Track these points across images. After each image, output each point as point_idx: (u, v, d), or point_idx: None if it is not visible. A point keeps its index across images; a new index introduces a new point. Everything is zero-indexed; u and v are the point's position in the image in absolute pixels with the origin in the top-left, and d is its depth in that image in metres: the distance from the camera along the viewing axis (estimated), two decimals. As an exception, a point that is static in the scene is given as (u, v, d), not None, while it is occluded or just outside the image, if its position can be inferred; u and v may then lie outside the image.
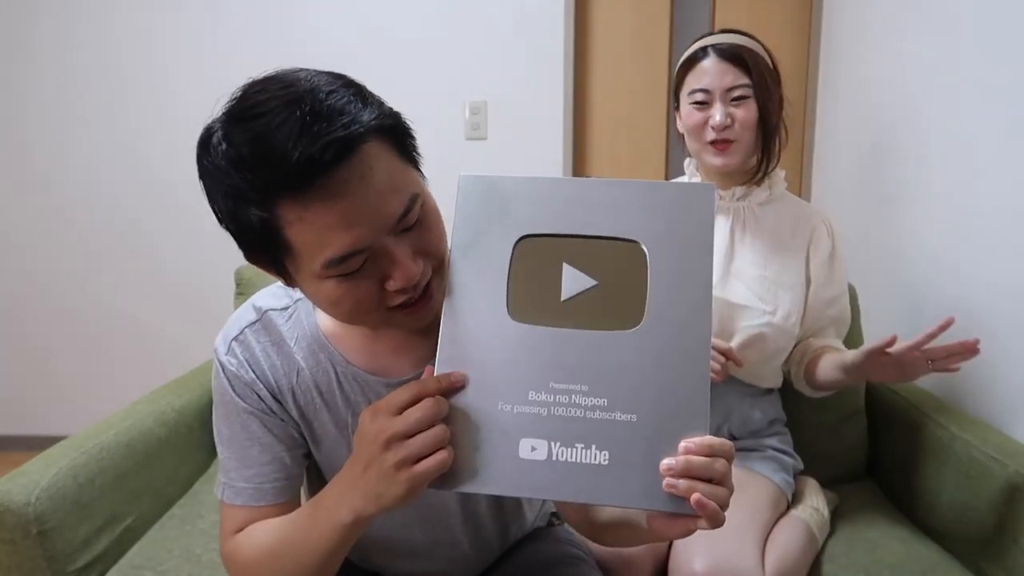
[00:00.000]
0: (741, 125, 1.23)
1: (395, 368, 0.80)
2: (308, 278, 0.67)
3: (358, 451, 0.63)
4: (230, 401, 0.79)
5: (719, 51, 1.23)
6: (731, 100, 1.23)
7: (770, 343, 1.28)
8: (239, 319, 0.81)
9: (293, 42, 2.38)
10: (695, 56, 1.27)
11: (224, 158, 0.61)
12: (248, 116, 0.61)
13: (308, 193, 0.60)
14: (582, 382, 0.64)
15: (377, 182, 0.63)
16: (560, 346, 0.65)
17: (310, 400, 0.80)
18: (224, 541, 0.80)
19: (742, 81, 1.22)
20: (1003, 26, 1.31)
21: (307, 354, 0.80)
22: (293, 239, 0.63)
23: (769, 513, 1.20)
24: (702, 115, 1.25)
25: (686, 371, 0.64)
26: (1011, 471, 1.12)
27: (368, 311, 0.68)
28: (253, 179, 0.60)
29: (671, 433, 0.62)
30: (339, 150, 0.59)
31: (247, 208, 0.62)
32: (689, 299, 0.66)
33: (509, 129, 2.42)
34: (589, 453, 0.62)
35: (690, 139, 1.30)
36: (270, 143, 0.59)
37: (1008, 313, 1.29)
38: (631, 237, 0.67)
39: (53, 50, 2.49)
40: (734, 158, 1.25)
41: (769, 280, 1.27)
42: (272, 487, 0.79)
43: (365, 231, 0.63)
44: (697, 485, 0.59)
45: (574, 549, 1.03)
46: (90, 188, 2.56)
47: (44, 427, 2.68)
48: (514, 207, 0.69)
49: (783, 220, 1.31)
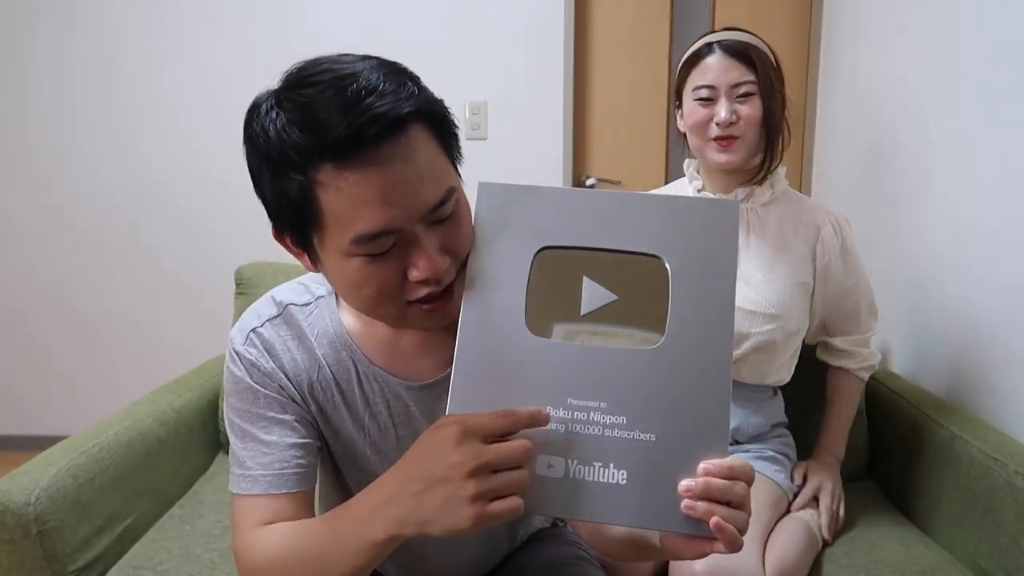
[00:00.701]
0: (746, 122, 1.22)
1: (417, 370, 0.79)
2: (334, 254, 0.66)
3: (421, 467, 0.59)
4: (246, 388, 0.77)
5: (725, 47, 1.22)
6: (736, 97, 1.22)
7: (779, 345, 1.28)
8: (258, 312, 0.80)
9: (293, 43, 2.37)
10: (700, 52, 1.25)
11: (272, 124, 0.62)
12: (301, 86, 0.62)
13: (349, 162, 0.60)
14: (601, 399, 0.63)
15: (418, 166, 0.63)
16: (579, 361, 0.64)
17: (329, 397, 0.79)
18: (239, 535, 0.75)
19: (748, 78, 1.21)
20: (1003, 25, 1.31)
21: (329, 351, 0.79)
22: (327, 208, 0.63)
23: (770, 513, 1.20)
24: (706, 112, 1.23)
25: (706, 391, 0.62)
26: (1011, 471, 1.12)
27: (389, 299, 0.68)
28: (298, 143, 0.61)
29: (690, 454, 0.61)
30: (386, 125, 0.60)
31: (287, 173, 0.62)
32: (711, 318, 0.64)
33: (509, 129, 2.42)
34: (607, 472, 0.61)
35: (693, 136, 1.28)
36: (318, 110, 0.60)
37: (1008, 313, 1.29)
38: (654, 252, 0.66)
39: (53, 49, 2.49)
40: (738, 155, 1.24)
41: (777, 283, 1.26)
42: (293, 473, 0.76)
43: (398, 212, 0.63)
44: (716, 508, 0.58)
45: (578, 550, 1.03)
46: (91, 188, 2.57)
47: (44, 427, 2.68)
48: (534, 218, 0.68)
49: (787, 220, 1.30)
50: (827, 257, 1.28)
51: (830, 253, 1.28)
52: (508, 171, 2.38)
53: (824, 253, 1.28)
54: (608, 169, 2.52)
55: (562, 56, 2.38)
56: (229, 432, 0.80)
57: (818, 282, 1.29)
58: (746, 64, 1.21)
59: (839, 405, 1.38)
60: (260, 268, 1.67)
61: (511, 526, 0.97)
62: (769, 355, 1.28)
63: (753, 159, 1.27)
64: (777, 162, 1.28)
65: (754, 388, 1.31)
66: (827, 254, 1.28)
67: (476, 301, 0.66)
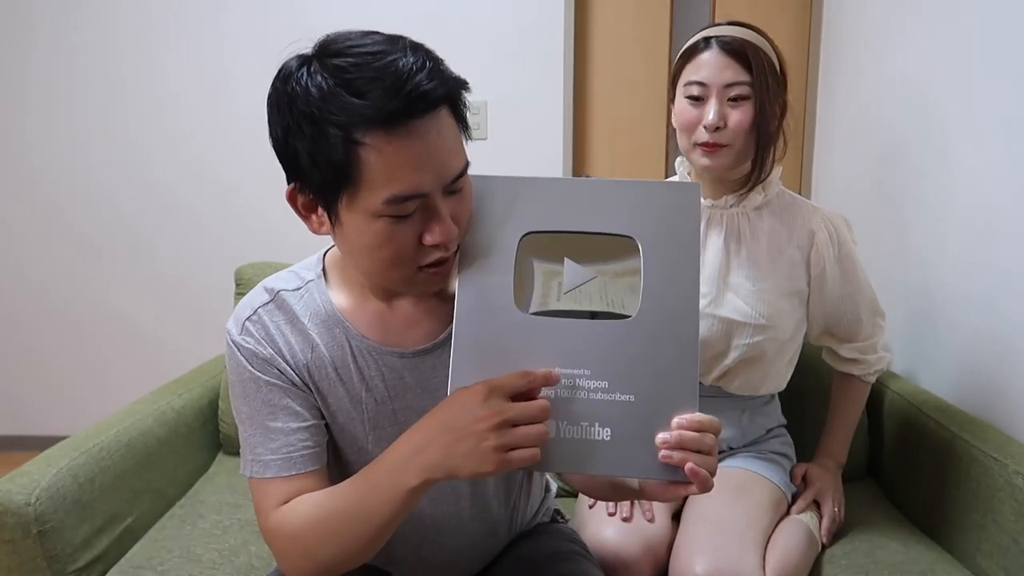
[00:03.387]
0: (734, 130, 1.14)
1: (409, 340, 0.84)
2: (362, 214, 0.70)
3: (450, 419, 0.66)
4: (249, 377, 0.81)
5: (722, 43, 1.15)
6: (728, 99, 1.14)
7: (770, 356, 1.24)
8: (251, 301, 0.84)
9: (292, 43, 2.37)
10: (696, 46, 1.18)
11: (317, 86, 0.67)
12: (342, 54, 0.68)
13: (395, 131, 0.66)
14: (585, 367, 0.70)
15: (447, 140, 0.70)
16: (564, 334, 0.71)
17: (324, 376, 0.83)
18: (265, 516, 0.79)
19: (742, 79, 1.13)
20: (1004, 24, 1.31)
21: (322, 330, 0.82)
22: (367, 169, 0.67)
23: (770, 515, 1.19)
24: (695, 112, 1.16)
25: (677, 355, 0.71)
26: (1011, 471, 1.12)
27: (403, 262, 0.73)
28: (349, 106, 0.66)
29: (665, 411, 0.69)
30: (431, 102, 0.67)
31: (332, 133, 0.67)
32: (679, 290, 0.72)
33: (509, 129, 2.42)
34: (593, 430, 0.70)
35: (681, 136, 1.21)
36: (370, 78, 0.66)
37: (1008, 312, 1.29)
38: (626, 233, 0.73)
39: (49, 48, 2.49)
40: (722, 162, 1.17)
41: (768, 292, 1.21)
42: (300, 456, 0.80)
43: (428, 178, 0.69)
44: (690, 456, 0.67)
45: (575, 545, 1.05)
46: (91, 188, 2.56)
47: (44, 427, 2.68)
48: (518, 206, 0.75)
49: (780, 226, 1.23)
50: (822, 264, 1.22)
51: (825, 260, 1.22)
52: (508, 171, 2.35)
53: (819, 260, 1.22)
54: (608, 169, 2.52)
55: (562, 56, 2.38)
56: (237, 419, 0.84)
57: (814, 290, 1.24)
58: (742, 63, 1.14)
59: (843, 410, 1.35)
60: (260, 268, 1.67)
61: (509, 519, 0.99)
62: (761, 366, 1.24)
63: (742, 165, 1.20)
64: (767, 173, 1.21)
65: (748, 396, 1.29)
66: (822, 261, 1.22)
67: (469, 284, 0.73)
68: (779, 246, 1.23)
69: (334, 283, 0.85)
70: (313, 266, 0.86)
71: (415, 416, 0.77)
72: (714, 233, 1.24)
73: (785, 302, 1.23)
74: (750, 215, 1.24)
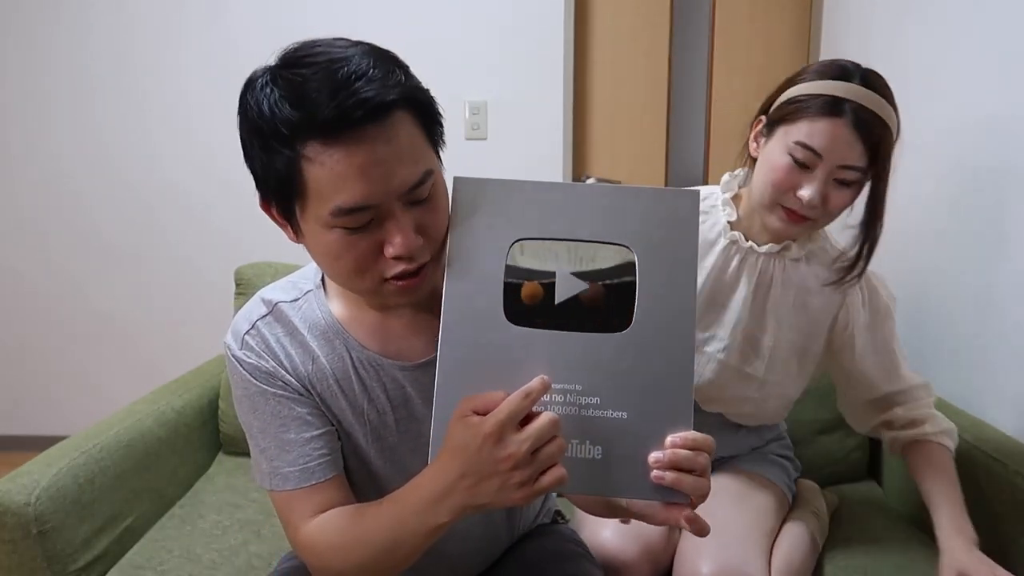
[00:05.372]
0: (830, 212, 1.05)
1: (409, 351, 0.82)
2: (315, 225, 0.69)
3: (471, 466, 0.63)
4: (256, 391, 0.80)
5: (856, 116, 0.99)
6: (835, 178, 1.02)
7: (772, 405, 1.23)
8: (249, 314, 0.82)
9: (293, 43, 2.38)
10: (825, 104, 1.00)
11: (266, 99, 0.66)
12: (296, 65, 0.67)
13: (334, 140, 0.65)
14: (576, 382, 0.67)
15: (398, 148, 0.67)
16: (555, 347, 0.68)
17: (326, 387, 0.81)
18: (295, 530, 0.79)
19: (859, 164, 1.00)
20: (1003, 25, 1.31)
21: (322, 342, 0.81)
22: (311, 181, 0.66)
23: (774, 518, 1.19)
24: (795, 178, 1.03)
25: (672, 371, 0.68)
26: (1011, 471, 1.12)
27: (365, 272, 0.71)
28: (288, 119, 0.65)
29: (658, 429, 0.66)
30: (371, 109, 0.64)
31: (276, 145, 0.66)
32: (674, 302, 0.69)
33: (509, 129, 2.42)
34: (583, 448, 0.67)
35: (766, 187, 1.06)
36: (309, 89, 0.64)
37: (1008, 312, 1.29)
38: (620, 242, 0.70)
39: (57, 47, 2.49)
40: (799, 232, 1.09)
41: (780, 350, 1.17)
42: (318, 464, 0.79)
43: (377, 188, 0.67)
44: (683, 476, 0.65)
45: (576, 546, 1.05)
46: (91, 188, 2.56)
47: (44, 427, 2.68)
48: (508, 210, 0.71)
49: (813, 278, 1.15)
50: (850, 329, 1.16)
51: (854, 325, 1.15)
52: (508, 171, 2.36)
53: (848, 324, 1.16)
54: (608, 169, 2.52)
55: (562, 56, 2.38)
56: (247, 432, 0.83)
57: (836, 351, 1.18)
58: (866, 145, 0.99)
59: (937, 479, 1.08)
60: (260, 268, 1.67)
61: (510, 521, 0.99)
62: (763, 411, 1.24)
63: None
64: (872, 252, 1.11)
65: None
66: (852, 326, 1.15)
67: (456, 292, 0.69)
68: (807, 300, 1.16)
69: (333, 293, 0.83)
70: (312, 276, 0.85)
71: (417, 425, 0.77)
72: (744, 278, 1.16)
73: (794, 362, 1.19)
74: (787, 265, 1.15)
